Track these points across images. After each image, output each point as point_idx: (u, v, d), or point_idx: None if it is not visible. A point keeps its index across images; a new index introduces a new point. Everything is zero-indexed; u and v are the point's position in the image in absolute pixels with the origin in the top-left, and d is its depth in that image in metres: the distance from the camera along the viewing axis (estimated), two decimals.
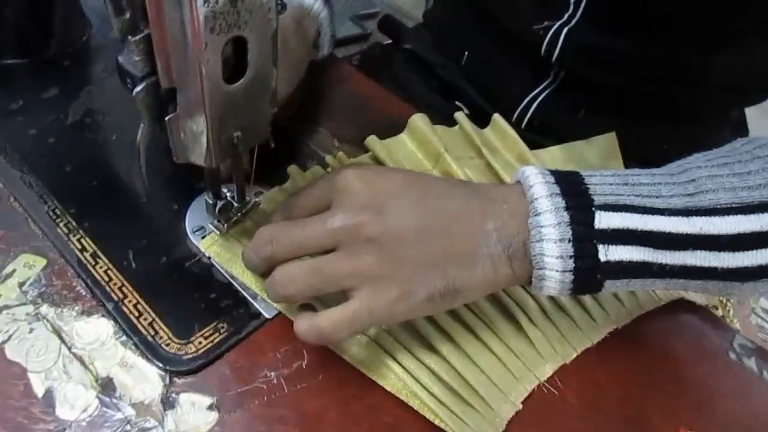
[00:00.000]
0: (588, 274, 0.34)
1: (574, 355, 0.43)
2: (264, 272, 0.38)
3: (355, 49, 0.82)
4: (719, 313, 0.57)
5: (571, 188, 0.35)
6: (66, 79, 0.54)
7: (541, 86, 0.61)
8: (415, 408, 0.38)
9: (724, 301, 0.58)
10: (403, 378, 0.38)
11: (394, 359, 0.39)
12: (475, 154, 0.52)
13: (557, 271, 0.34)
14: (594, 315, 0.45)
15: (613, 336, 0.45)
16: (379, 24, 0.81)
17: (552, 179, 0.35)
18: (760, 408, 0.45)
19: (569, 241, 0.33)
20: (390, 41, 0.78)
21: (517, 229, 0.35)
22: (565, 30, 0.54)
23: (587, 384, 0.42)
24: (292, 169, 0.48)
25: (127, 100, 0.32)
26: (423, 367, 0.39)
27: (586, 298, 0.46)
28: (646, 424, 0.41)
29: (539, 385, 0.41)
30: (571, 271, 0.34)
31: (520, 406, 0.39)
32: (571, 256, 0.33)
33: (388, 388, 0.38)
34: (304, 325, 0.35)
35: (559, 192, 0.35)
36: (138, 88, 0.31)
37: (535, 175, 0.35)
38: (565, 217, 0.34)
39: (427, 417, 0.37)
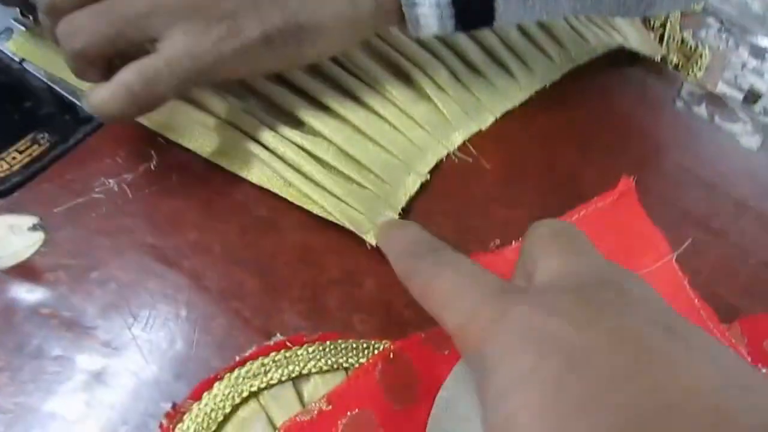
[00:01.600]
0: None
1: (492, 120, 0.36)
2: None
3: None
4: (689, 69, 0.49)
5: None
6: None
7: None
8: (291, 200, 0.31)
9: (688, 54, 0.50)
10: (272, 165, 0.31)
11: (258, 143, 0.31)
12: None
13: None
14: (516, 75, 0.38)
15: (540, 96, 0.38)
16: None
17: None
18: (712, 154, 0.39)
19: None
20: None
21: None
22: None
23: (507, 149, 0.35)
24: None
25: None
26: (296, 148, 0.31)
27: (507, 57, 0.38)
28: (579, 184, 0.35)
29: (448, 154, 0.34)
30: None
31: (428, 176, 0.33)
32: None
33: (255, 180, 0.31)
34: (102, 93, 0.27)
35: None
36: None
37: None
38: None
39: (307, 208, 0.30)
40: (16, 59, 0.34)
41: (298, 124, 0.33)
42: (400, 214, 0.31)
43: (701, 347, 0.18)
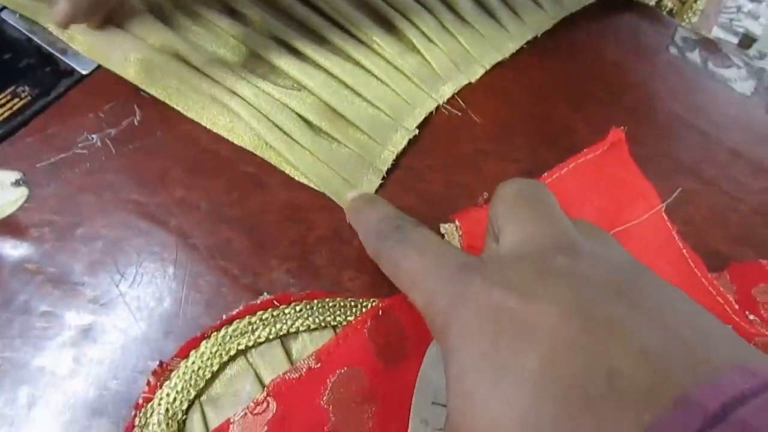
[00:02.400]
0: None
1: (482, 72, 0.35)
2: None
3: None
4: (684, 14, 0.48)
5: None
6: None
7: None
8: (273, 164, 0.30)
9: None
10: (253, 125, 0.30)
11: (240, 98, 0.30)
12: None
13: None
14: (506, 25, 0.37)
15: (531, 45, 0.37)
16: None
17: None
18: (705, 100, 0.38)
19: None
20: None
21: None
22: None
23: (498, 102, 0.35)
24: None
25: None
26: (279, 104, 0.31)
27: (497, 5, 0.37)
28: (571, 136, 0.34)
29: (437, 108, 0.33)
30: None
31: (416, 131, 0.32)
32: None
33: (237, 142, 0.30)
34: None
35: None
36: None
37: None
38: None
39: (288, 173, 0.30)
40: None
41: (280, 77, 0.32)
42: (385, 175, 0.31)
43: (653, 308, 0.18)
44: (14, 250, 0.27)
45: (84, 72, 0.32)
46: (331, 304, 0.26)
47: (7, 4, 0.33)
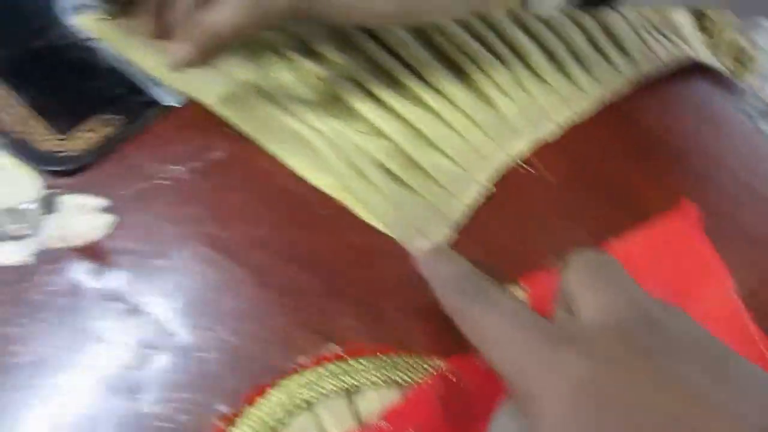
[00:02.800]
0: None
1: (555, 129, 0.35)
2: None
3: None
4: (742, 75, 0.48)
5: None
6: None
7: None
8: (348, 206, 0.31)
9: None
10: (332, 165, 0.31)
11: (318, 134, 0.31)
12: None
13: None
14: (581, 83, 0.37)
15: (603, 110, 0.37)
16: None
17: None
18: None
19: None
20: None
21: None
22: None
23: (569, 161, 0.35)
24: None
25: None
26: (356, 147, 0.31)
27: (571, 63, 0.37)
28: (640, 201, 0.34)
29: (511, 163, 0.34)
30: None
31: (488, 186, 0.32)
32: None
33: (314, 181, 0.31)
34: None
35: None
36: None
37: None
38: None
39: (363, 217, 0.30)
40: (89, 36, 0.34)
41: (359, 120, 0.33)
42: (454, 228, 0.31)
43: (747, 386, 0.18)
44: (97, 276, 0.28)
45: (172, 103, 0.33)
46: (399, 361, 0.26)
47: (100, 35, 0.34)
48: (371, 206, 0.30)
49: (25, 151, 0.30)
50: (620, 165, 0.36)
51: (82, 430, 0.25)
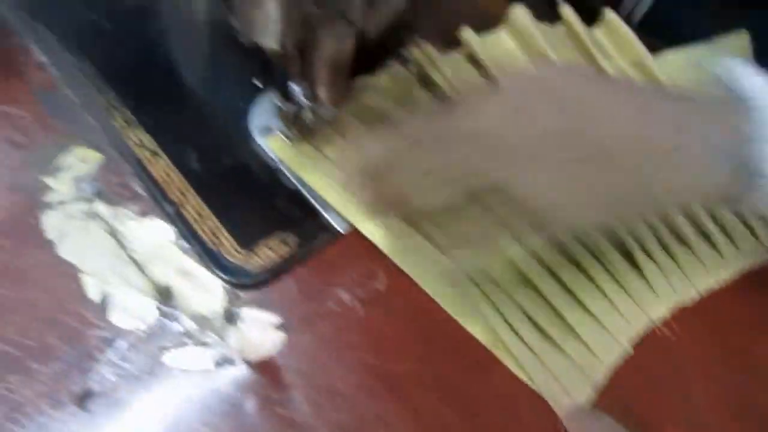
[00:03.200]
0: None
1: (696, 296, 0.37)
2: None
3: None
4: None
5: None
6: None
7: None
8: (499, 357, 0.33)
9: None
10: (490, 319, 0.33)
11: (476, 286, 0.33)
12: (583, 56, 0.44)
13: None
14: (723, 251, 0.38)
15: (745, 277, 0.38)
16: None
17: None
18: None
19: None
20: None
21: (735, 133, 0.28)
22: None
23: (707, 329, 0.36)
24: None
25: None
26: (515, 306, 0.33)
27: (717, 233, 0.38)
28: None
29: (652, 326, 0.35)
30: None
31: (630, 349, 0.34)
32: None
33: (470, 329, 0.33)
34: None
35: None
36: None
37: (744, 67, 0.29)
38: None
39: (512, 370, 0.32)
40: (274, 158, 0.38)
41: (523, 282, 0.35)
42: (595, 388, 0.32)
43: None
44: (267, 391, 0.30)
45: (342, 231, 0.36)
46: None
47: (284, 159, 0.37)
48: (520, 359, 0.32)
49: (216, 263, 0.33)
50: (756, 339, 0.36)
51: None
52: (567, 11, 0.44)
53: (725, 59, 0.29)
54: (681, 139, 0.27)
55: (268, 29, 0.28)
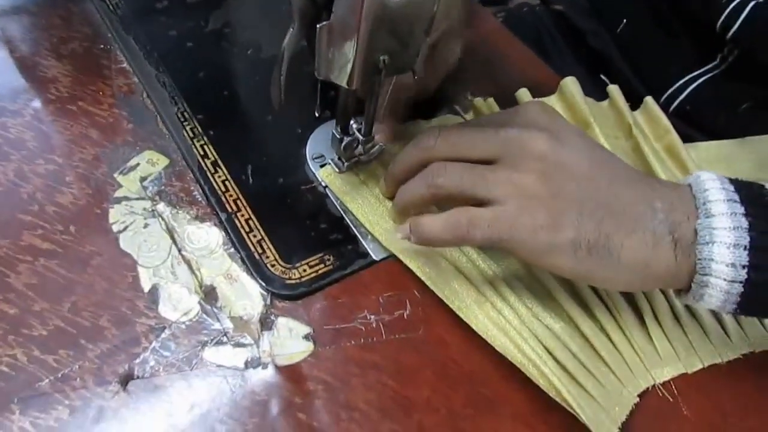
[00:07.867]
0: (761, 290, 0.30)
1: (699, 367, 0.38)
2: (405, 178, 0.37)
3: (499, 7, 0.77)
4: None
5: (752, 197, 0.31)
6: None
7: (704, 68, 0.54)
8: (532, 377, 0.34)
9: None
10: (521, 344, 0.35)
11: (515, 318, 0.36)
12: (623, 134, 0.47)
13: (725, 280, 0.30)
14: (730, 332, 0.40)
15: (748, 359, 0.40)
16: None
17: (731, 186, 0.32)
18: None
19: (745, 248, 0.29)
20: (539, 1, 0.73)
21: (687, 216, 0.31)
22: (752, 2, 0.47)
23: (706, 402, 0.37)
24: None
25: (266, 18, 0.30)
26: (548, 331, 0.36)
27: (729, 319, 0.40)
28: None
29: (654, 386, 0.37)
30: (741, 282, 0.30)
31: (637, 399, 0.35)
32: (744, 266, 0.29)
33: (494, 344, 0.35)
34: (436, 222, 0.34)
35: (738, 199, 0.31)
36: None
37: (712, 179, 0.32)
38: (743, 222, 0.30)
39: (544, 387, 0.34)
40: (323, 184, 0.41)
41: (549, 312, 0.37)
42: None
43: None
44: (291, 395, 0.33)
45: (376, 258, 0.39)
46: None
47: (331, 186, 0.41)
48: (550, 376, 0.34)
49: (258, 272, 0.36)
50: (758, 417, 0.38)
51: None
52: (613, 89, 0.48)
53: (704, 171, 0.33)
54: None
55: (344, 69, 0.31)
